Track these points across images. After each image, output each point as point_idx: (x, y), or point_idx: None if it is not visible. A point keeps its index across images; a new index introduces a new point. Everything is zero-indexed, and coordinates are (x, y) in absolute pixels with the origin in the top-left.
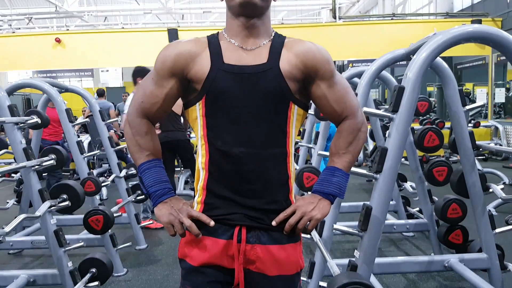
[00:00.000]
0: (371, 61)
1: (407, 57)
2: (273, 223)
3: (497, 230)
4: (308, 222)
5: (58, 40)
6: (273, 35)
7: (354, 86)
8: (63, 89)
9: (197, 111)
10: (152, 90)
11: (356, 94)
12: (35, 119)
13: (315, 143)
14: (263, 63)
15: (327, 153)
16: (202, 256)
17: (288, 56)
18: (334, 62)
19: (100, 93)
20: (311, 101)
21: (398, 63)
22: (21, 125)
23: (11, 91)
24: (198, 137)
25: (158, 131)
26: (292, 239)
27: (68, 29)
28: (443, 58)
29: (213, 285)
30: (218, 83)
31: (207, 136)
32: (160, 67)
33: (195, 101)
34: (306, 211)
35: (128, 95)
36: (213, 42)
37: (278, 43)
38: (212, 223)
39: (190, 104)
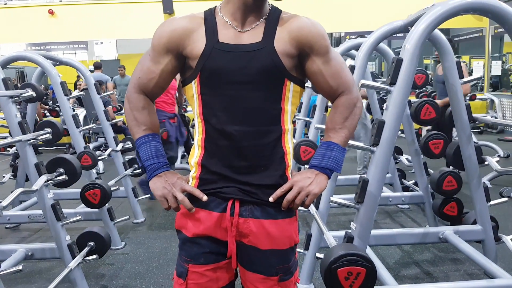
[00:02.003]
0: (369, 33)
1: (405, 29)
2: (270, 199)
3: (492, 202)
4: (306, 197)
5: (51, 12)
6: (269, 10)
7: (352, 59)
8: (57, 62)
9: (193, 89)
10: (149, 66)
11: (354, 67)
12: (29, 93)
13: (312, 117)
14: (257, 42)
15: (324, 126)
16: (196, 228)
17: (282, 33)
18: (331, 34)
19: (97, 66)
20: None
21: (395, 35)
22: (15, 98)
23: (4, 64)
24: (195, 115)
25: None
26: (286, 214)
27: (61, 0)
28: (441, 30)
29: (207, 255)
30: (212, 62)
31: (203, 114)
32: (156, 44)
33: (190, 79)
34: (304, 186)
35: (124, 68)
36: (209, 19)
37: (273, 19)
38: (204, 197)
39: (187, 82)
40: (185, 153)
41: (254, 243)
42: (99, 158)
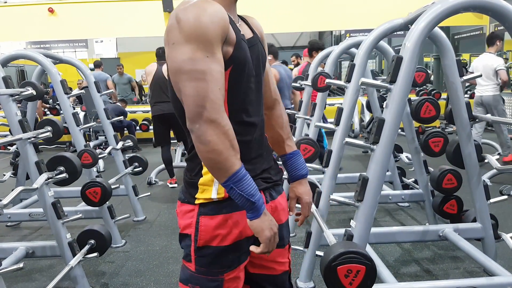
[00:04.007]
0: (369, 31)
1: (405, 27)
2: (299, 224)
3: (492, 200)
4: None
5: (51, 10)
6: None
7: (352, 57)
8: (57, 60)
9: None
10: (217, 68)
11: (354, 65)
12: (30, 91)
13: (312, 115)
14: (253, 36)
15: (324, 125)
16: (234, 233)
17: (253, 28)
18: (331, 32)
19: (97, 64)
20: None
21: (396, 33)
22: (16, 97)
23: (4, 63)
24: None
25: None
26: (282, 187)
27: None
28: (441, 27)
29: (242, 256)
30: (244, 53)
31: (229, 112)
32: (209, 34)
33: None
34: (311, 201)
35: (123, 67)
36: None
37: (243, 18)
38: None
39: None
40: (185, 152)
41: (276, 220)
42: (99, 156)
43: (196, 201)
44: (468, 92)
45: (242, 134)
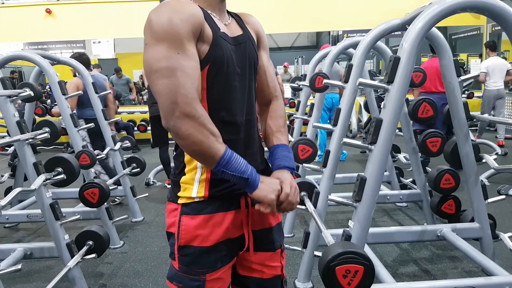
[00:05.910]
0: (366, 31)
1: (403, 27)
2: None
3: (489, 200)
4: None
5: (48, 11)
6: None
7: (350, 57)
8: (55, 61)
9: None
10: (189, 64)
11: (352, 65)
12: (27, 92)
13: (310, 115)
14: (242, 34)
15: (322, 125)
16: (216, 234)
17: (248, 26)
18: (329, 32)
19: (95, 66)
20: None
21: (393, 33)
22: (13, 98)
23: (2, 64)
24: None
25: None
26: None
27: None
28: (438, 28)
29: (224, 258)
30: (222, 51)
31: (208, 110)
32: (179, 32)
33: None
34: (292, 191)
35: (121, 71)
36: (202, 9)
37: (235, 15)
38: None
39: None
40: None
41: (264, 225)
42: (97, 157)
43: (179, 200)
44: (466, 92)
45: (222, 133)
